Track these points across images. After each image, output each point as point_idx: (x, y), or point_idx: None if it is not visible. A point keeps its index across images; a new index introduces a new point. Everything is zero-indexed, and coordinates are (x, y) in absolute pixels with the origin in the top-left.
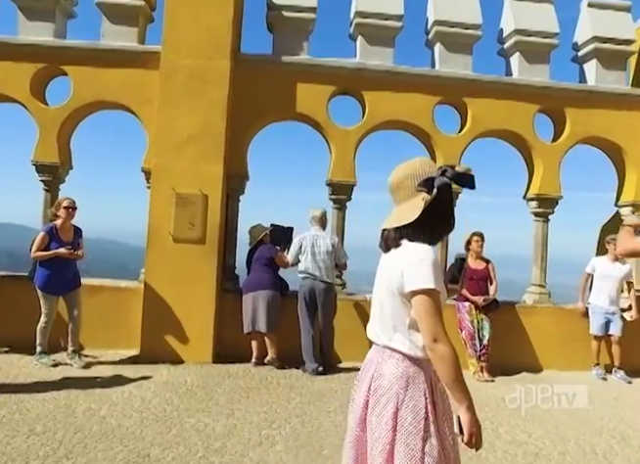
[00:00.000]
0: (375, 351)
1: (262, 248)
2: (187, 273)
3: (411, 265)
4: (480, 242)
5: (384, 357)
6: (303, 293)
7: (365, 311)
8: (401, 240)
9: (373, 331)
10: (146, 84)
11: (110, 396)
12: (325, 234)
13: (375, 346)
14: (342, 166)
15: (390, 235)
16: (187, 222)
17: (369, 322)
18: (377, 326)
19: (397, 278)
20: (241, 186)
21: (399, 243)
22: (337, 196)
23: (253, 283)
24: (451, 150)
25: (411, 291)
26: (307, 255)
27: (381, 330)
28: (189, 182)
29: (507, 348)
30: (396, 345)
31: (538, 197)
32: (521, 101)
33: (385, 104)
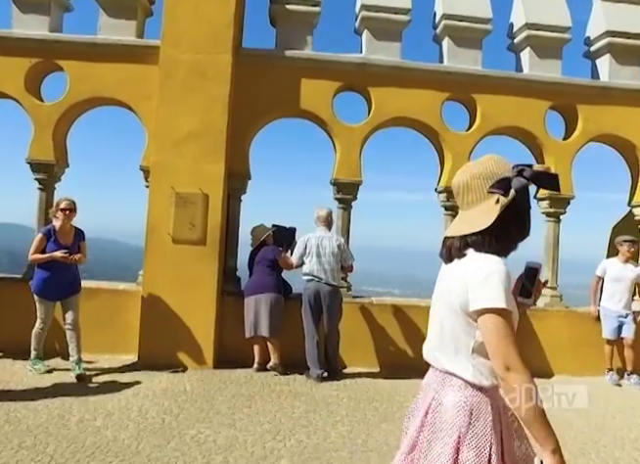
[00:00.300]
0: (433, 376)
1: (265, 249)
2: (187, 275)
3: (478, 280)
4: None
5: (443, 384)
6: (308, 296)
7: (371, 315)
8: (466, 249)
9: (430, 352)
10: (144, 80)
11: (105, 405)
12: (331, 235)
13: (433, 369)
14: (348, 165)
15: (455, 244)
16: (187, 223)
17: (425, 341)
18: (435, 347)
19: (461, 294)
20: (242, 185)
21: (464, 253)
22: (342, 195)
23: (256, 286)
24: (460, 148)
25: (478, 309)
26: (312, 256)
27: (440, 352)
28: (189, 181)
29: None
30: (458, 370)
31: (550, 196)
32: (532, 97)
33: (391, 100)
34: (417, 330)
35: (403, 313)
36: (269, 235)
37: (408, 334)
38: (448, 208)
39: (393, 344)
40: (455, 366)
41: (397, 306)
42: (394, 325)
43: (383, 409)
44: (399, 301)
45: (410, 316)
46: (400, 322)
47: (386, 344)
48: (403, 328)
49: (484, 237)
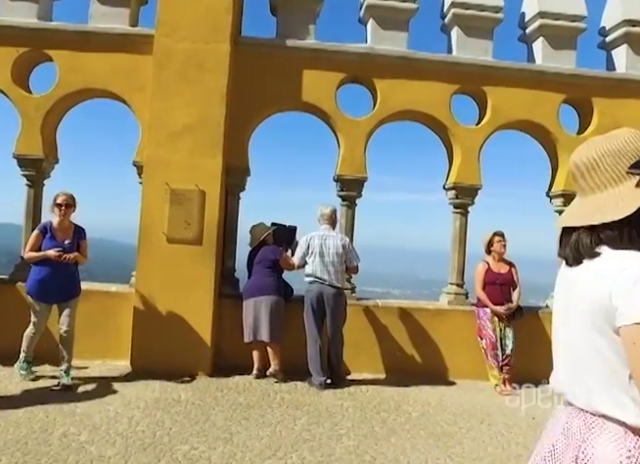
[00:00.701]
0: (572, 416)
1: (265, 249)
2: (182, 277)
3: (626, 287)
4: (502, 242)
5: (592, 429)
6: (310, 298)
7: (376, 318)
8: (600, 246)
9: (565, 385)
10: (138, 71)
11: (92, 418)
12: (335, 234)
13: (572, 408)
14: (352, 160)
15: (582, 239)
16: (182, 221)
17: (553, 373)
18: (570, 378)
19: (604, 306)
20: (241, 182)
21: (597, 251)
22: (346, 192)
23: (255, 288)
24: (470, 143)
25: (633, 324)
26: (315, 256)
27: (578, 385)
28: (184, 177)
29: (530, 358)
30: (613, 410)
31: (564, 193)
32: (545, 90)
33: (398, 93)
34: (424, 334)
35: (410, 316)
36: (269, 234)
37: (415, 338)
38: (457, 207)
39: (400, 348)
40: (608, 405)
41: (404, 309)
42: (401, 328)
43: (391, 421)
44: (406, 304)
45: (417, 319)
46: (407, 325)
47: (392, 348)
48: (410, 332)
49: (622, 229)
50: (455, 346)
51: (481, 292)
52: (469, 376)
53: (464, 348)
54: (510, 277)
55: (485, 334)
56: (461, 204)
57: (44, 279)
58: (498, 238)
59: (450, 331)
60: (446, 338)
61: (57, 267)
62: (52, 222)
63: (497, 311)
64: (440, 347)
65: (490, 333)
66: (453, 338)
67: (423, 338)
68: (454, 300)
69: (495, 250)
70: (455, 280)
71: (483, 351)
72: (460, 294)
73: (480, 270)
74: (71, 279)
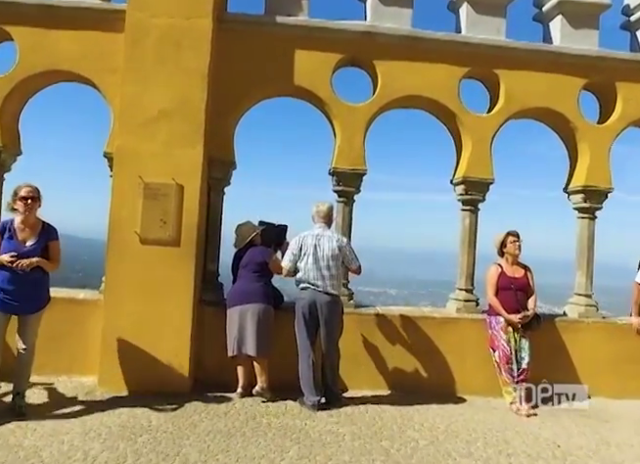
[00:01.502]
0: None
1: (252, 250)
2: (157, 282)
3: None
4: (517, 243)
5: None
6: (302, 307)
7: (377, 328)
8: None
9: None
10: (110, 50)
11: (40, 453)
12: (331, 234)
13: None
14: (349, 151)
15: None
16: (157, 219)
17: None
18: None
19: None
20: (225, 175)
21: None
22: (342, 187)
23: (241, 294)
24: (481, 133)
25: None
26: (308, 259)
27: None
28: (160, 169)
29: (546, 372)
30: None
31: (584, 189)
32: (564, 73)
33: (400, 76)
34: (430, 345)
35: (414, 325)
36: (257, 234)
37: (420, 350)
38: (466, 203)
39: (403, 361)
40: None
41: (407, 317)
42: (404, 339)
43: (394, 451)
44: (409, 311)
45: (422, 329)
46: (411, 336)
47: (394, 362)
48: (414, 343)
49: None
50: (465, 358)
51: (494, 298)
52: (480, 392)
53: (474, 360)
54: (525, 282)
55: (498, 345)
56: (471, 200)
57: (3, 287)
58: (512, 238)
59: (459, 342)
60: (455, 349)
61: (16, 274)
62: (12, 220)
63: (511, 320)
64: (448, 359)
65: (504, 344)
66: (462, 349)
67: (428, 350)
68: (463, 307)
69: (509, 251)
70: (464, 285)
71: (496, 365)
72: (470, 300)
73: (492, 274)
74: (37, 288)
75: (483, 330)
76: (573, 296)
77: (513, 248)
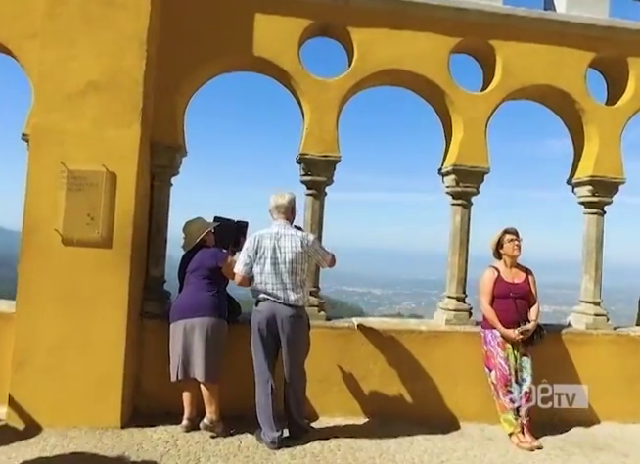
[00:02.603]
0: None
1: (203, 252)
2: (83, 292)
3: None
4: (515, 242)
5: None
6: (259, 323)
7: (352, 344)
8: None
9: None
10: (27, 9)
11: None
12: (294, 231)
13: None
14: (320, 134)
15: None
16: (84, 215)
17: None
18: None
19: None
20: (172, 163)
21: None
22: (312, 177)
23: (187, 305)
24: (474, 114)
25: None
26: (266, 264)
27: None
28: (87, 154)
29: None
30: None
31: (592, 180)
32: (569, 46)
33: (380, 47)
34: (415, 363)
35: (396, 340)
36: (210, 233)
37: (403, 369)
38: (457, 196)
39: (383, 383)
40: None
41: (388, 331)
42: (384, 357)
43: None
44: (390, 324)
45: (406, 344)
46: (392, 353)
47: (372, 384)
48: (397, 361)
49: None
50: (456, 379)
51: (489, 308)
52: (474, 418)
53: (467, 382)
54: (526, 288)
55: (495, 364)
56: (463, 192)
57: None
58: (509, 236)
59: (449, 360)
60: (444, 369)
61: None
62: None
63: (509, 336)
64: (436, 380)
65: (502, 363)
66: (453, 369)
67: (413, 369)
68: (454, 318)
69: (506, 252)
70: (455, 292)
71: (493, 387)
72: (461, 310)
73: (487, 279)
74: None
75: (478, 345)
76: (579, 303)
77: (510, 248)
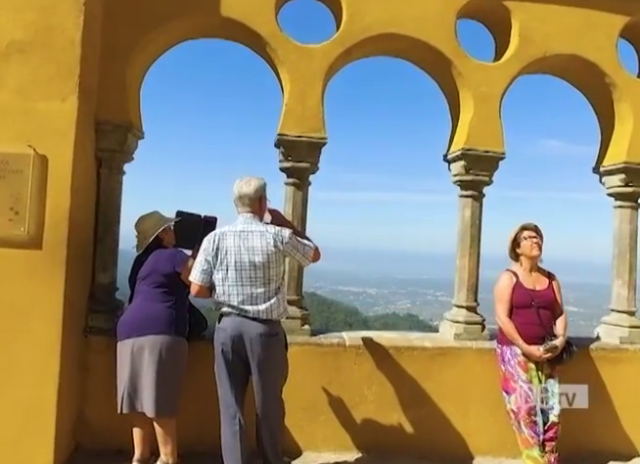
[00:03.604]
0: None
1: (158, 255)
2: (6, 302)
3: None
4: (535, 240)
5: None
6: (223, 343)
7: (343, 365)
8: None
9: None
10: None
11: None
12: (263, 227)
13: None
14: (302, 111)
15: None
16: (6, 208)
17: None
18: None
19: None
20: (122, 146)
21: None
22: (292, 163)
23: (135, 321)
24: (487, 87)
25: None
26: (228, 269)
27: None
28: (9, 132)
29: (577, 421)
30: None
31: (625, 167)
32: (598, 9)
33: (373, 7)
34: (418, 387)
35: (394, 360)
36: (167, 229)
37: (404, 394)
38: (467, 186)
39: (380, 411)
40: None
41: (387, 348)
42: (382, 379)
43: None
44: (390, 339)
45: (408, 363)
46: (392, 374)
47: (367, 411)
48: (397, 384)
49: None
50: (467, 406)
51: (507, 320)
52: (490, 452)
53: (480, 409)
54: (551, 296)
55: (515, 388)
56: (473, 182)
57: None
58: (527, 233)
59: (459, 381)
60: (453, 393)
61: None
62: None
63: (532, 354)
64: (444, 407)
65: (524, 387)
66: (464, 393)
67: (416, 393)
68: (464, 332)
69: (524, 252)
70: (465, 301)
71: (513, 416)
72: (473, 322)
73: (503, 285)
74: None
75: (493, 365)
76: (610, 313)
77: (529, 247)
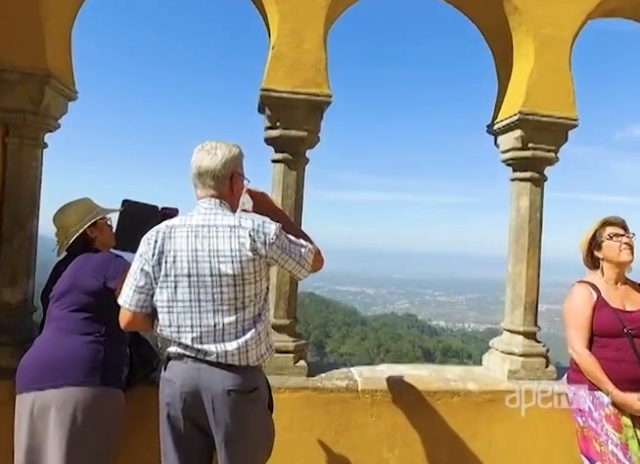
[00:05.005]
0: None
1: (82, 261)
2: None
3: None
4: (626, 239)
5: None
6: (169, 404)
7: (354, 418)
8: None
9: None
10: None
11: None
12: (234, 220)
13: None
14: (296, 56)
15: None
16: None
17: None
18: None
19: None
20: (37, 106)
21: None
22: (282, 130)
23: (39, 365)
24: (553, 29)
25: None
26: (178, 285)
27: None
28: None
29: None
30: None
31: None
32: None
33: None
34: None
35: (426, 410)
36: (103, 224)
37: (440, 458)
38: (523, 166)
39: None
40: None
41: (412, 394)
42: (405, 439)
43: None
44: (416, 379)
45: (438, 417)
46: (420, 430)
47: None
48: (426, 444)
49: None
50: None
51: (587, 354)
52: None
53: None
54: None
55: (602, 453)
56: (533, 160)
57: None
58: (613, 229)
59: (517, 441)
60: (509, 457)
61: None
62: None
63: (628, 405)
64: None
65: (615, 452)
66: (524, 457)
67: (456, 457)
68: (521, 368)
69: (610, 257)
70: (521, 324)
71: None
72: (534, 354)
73: (580, 303)
74: None
75: (567, 416)
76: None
77: (616, 249)
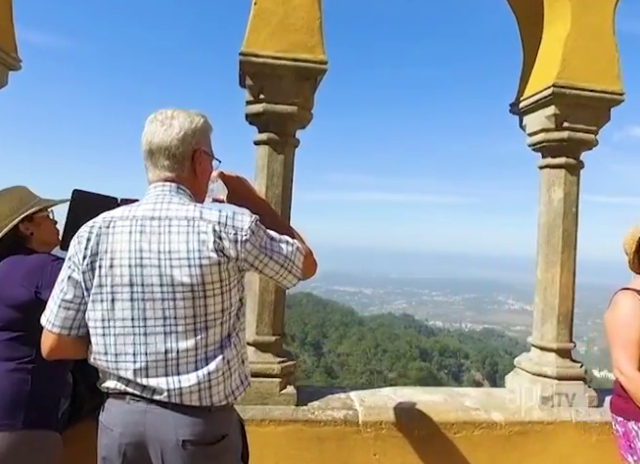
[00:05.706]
0: None
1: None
2: None
3: None
4: None
5: None
6: (104, 458)
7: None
8: None
9: None
10: None
11: None
12: (193, 210)
13: None
14: (284, 14)
15: None
16: None
17: None
18: None
19: None
20: None
21: None
22: (267, 105)
23: None
24: None
25: None
26: (114, 298)
27: None
28: None
29: None
30: None
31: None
32: None
33: None
34: None
35: (438, 446)
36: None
37: None
38: (556, 150)
39: None
40: None
41: (425, 427)
42: None
43: None
44: (430, 407)
45: (457, 453)
46: None
47: None
48: None
49: None
50: None
51: (636, 375)
52: None
53: None
54: None
55: None
56: (568, 143)
57: None
58: None
59: None
60: None
61: None
62: None
63: None
64: None
65: None
66: None
67: None
68: (556, 393)
69: None
70: (554, 340)
71: None
72: (571, 377)
73: (628, 316)
74: None
75: (612, 452)
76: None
77: None
